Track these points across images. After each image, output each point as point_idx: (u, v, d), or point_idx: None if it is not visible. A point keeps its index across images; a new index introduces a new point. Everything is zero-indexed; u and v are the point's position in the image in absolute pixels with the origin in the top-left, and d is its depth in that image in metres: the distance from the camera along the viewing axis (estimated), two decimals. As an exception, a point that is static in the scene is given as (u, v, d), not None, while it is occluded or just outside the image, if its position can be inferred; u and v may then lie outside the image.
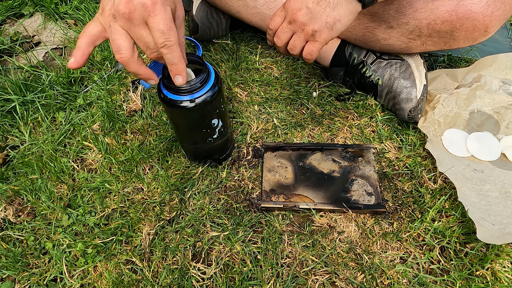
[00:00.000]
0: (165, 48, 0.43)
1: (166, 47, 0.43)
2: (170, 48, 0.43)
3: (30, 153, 0.73)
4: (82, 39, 0.44)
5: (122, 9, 0.41)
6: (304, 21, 0.54)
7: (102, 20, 0.44)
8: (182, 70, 0.46)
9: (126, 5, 0.41)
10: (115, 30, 0.43)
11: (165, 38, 0.42)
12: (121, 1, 0.41)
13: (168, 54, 0.43)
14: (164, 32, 0.41)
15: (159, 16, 0.41)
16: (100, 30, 0.44)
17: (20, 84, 0.82)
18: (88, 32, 0.44)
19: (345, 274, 0.56)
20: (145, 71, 0.47)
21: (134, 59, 0.45)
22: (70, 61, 0.44)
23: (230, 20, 0.89)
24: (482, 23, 0.60)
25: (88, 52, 0.45)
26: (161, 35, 0.42)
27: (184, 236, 0.61)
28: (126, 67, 0.45)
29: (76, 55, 0.44)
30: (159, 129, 0.75)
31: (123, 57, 0.44)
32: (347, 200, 0.64)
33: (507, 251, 0.57)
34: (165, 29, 0.41)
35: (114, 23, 0.43)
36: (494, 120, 0.73)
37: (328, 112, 0.78)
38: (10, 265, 0.59)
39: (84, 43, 0.44)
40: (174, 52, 0.43)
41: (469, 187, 0.63)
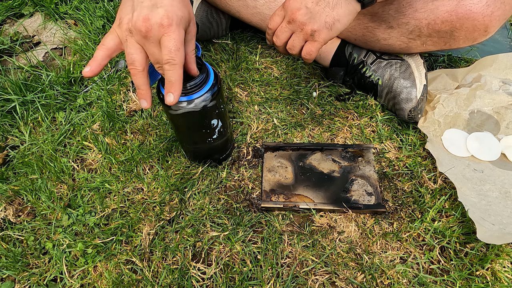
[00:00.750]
0: (168, 65, 0.45)
1: (169, 64, 0.45)
2: (172, 66, 0.45)
3: (30, 153, 0.73)
4: (99, 51, 0.46)
5: (139, 27, 0.43)
6: (303, 20, 0.54)
7: (119, 33, 0.46)
8: (176, 90, 0.47)
9: (144, 24, 0.43)
10: (131, 45, 0.45)
11: (170, 56, 0.44)
12: (139, 18, 0.43)
13: (169, 71, 0.46)
14: (171, 51, 0.44)
15: (171, 36, 0.44)
16: (117, 43, 0.47)
17: (20, 84, 0.82)
18: (106, 45, 0.46)
19: (345, 274, 0.56)
20: (146, 89, 0.49)
21: (144, 73, 0.47)
22: (85, 69, 0.46)
23: (230, 20, 0.89)
24: (482, 23, 0.60)
25: (104, 63, 0.47)
26: (168, 53, 0.44)
27: (184, 236, 0.61)
28: (134, 78, 0.47)
29: (92, 65, 0.46)
30: (159, 129, 0.75)
31: (135, 68, 0.46)
32: (347, 200, 0.64)
33: (507, 251, 0.57)
34: (173, 48, 0.44)
35: (130, 38, 0.45)
36: (494, 120, 0.73)
37: (328, 112, 0.78)
38: (10, 265, 0.59)
39: (101, 55, 0.46)
40: (174, 71, 0.46)
41: (469, 187, 0.63)
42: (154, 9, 0.43)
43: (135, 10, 0.44)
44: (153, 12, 0.43)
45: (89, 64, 0.46)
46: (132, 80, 0.48)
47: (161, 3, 0.43)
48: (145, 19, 0.43)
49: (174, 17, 0.44)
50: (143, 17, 0.43)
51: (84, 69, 0.46)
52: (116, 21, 0.46)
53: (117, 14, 0.46)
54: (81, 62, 0.89)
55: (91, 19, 0.98)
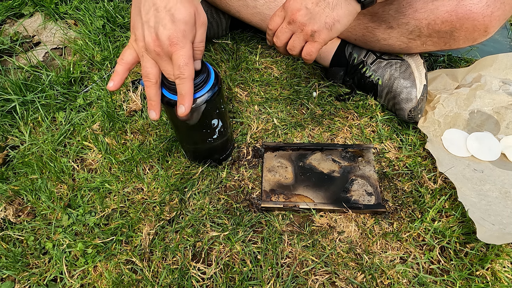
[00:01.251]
0: (178, 80, 0.48)
1: (179, 79, 0.48)
2: (183, 80, 0.48)
3: (30, 153, 0.73)
4: (120, 65, 0.51)
5: (152, 47, 0.47)
6: (303, 21, 0.54)
7: (136, 48, 0.50)
8: (188, 101, 0.50)
9: (155, 44, 0.47)
10: (147, 60, 0.49)
11: (179, 71, 0.47)
12: (151, 38, 0.47)
13: (180, 85, 0.49)
14: (181, 66, 0.47)
15: (179, 53, 0.47)
16: (135, 57, 0.51)
17: (20, 84, 0.82)
18: (125, 59, 0.51)
19: (345, 274, 0.56)
20: (157, 100, 0.52)
21: (157, 85, 0.51)
22: (110, 84, 0.51)
23: (230, 20, 0.89)
24: (482, 23, 0.60)
25: (125, 76, 0.51)
26: (178, 69, 0.47)
27: (184, 236, 0.61)
28: (147, 89, 0.51)
29: (115, 79, 0.51)
30: (159, 129, 0.75)
31: (149, 81, 0.50)
32: (347, 200, 0.64)
33: (507, 251, 0.57)
34: (182, 64, 0.47)
35: (146, 54, 0.49)
36: (494, 120, 0.73)
37: (328, 112, 0.78)
38: (10, 265, 0.59)
39: (122, 69, 0.51)
40: (185, 85, 0.49)
41: (469, 187, 0.63)
42: (160, 29, 0.46)
43: (145, 29, 0.47)
44: (159, 31, 0.46)
45: (112, 79, 0.51)
46: (145, 91, 0.52)
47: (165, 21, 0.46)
48: (155, 40, 0.46)
49: (179, 35, 0.46)
50: (153, 37, 0.46)
51: (108, 84, 0.51)
52: (132, 36, 0.50)
53: (131, 28, 0.50)
54: (81, 62, 0.89)
55: (91, 19, 0.98)
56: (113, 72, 0.51)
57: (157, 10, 0.46)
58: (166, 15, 0.46)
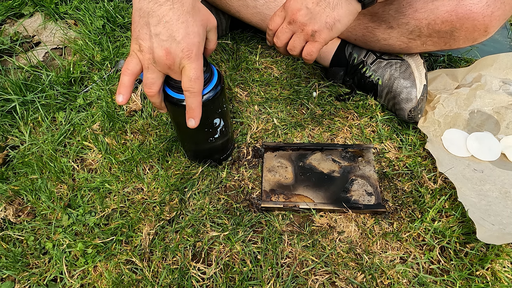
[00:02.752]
0: (188, 93, 0.48)
1: (189, 93, 0.48)
2: (192, 94, 0.48)
3: (30, 153, 0.73)
4: (126, 76, 0.48)
5: (164, 60, 0.46)
6: (303, 21, 0.54)
7: (141, 59, 0.47)
8: (197, 116, 0.50)
9: (168, 57, 0.45)
10: (152, 71, 0.48)
11: (190, 85, 0.47)
12: (161, 51, 0.45)
13: (189, 98, 0.49)
14: (191, 80, 0.47)
15: (191, 66, 0.46)
16: (140, 68, 0.49)
17: (20, 84, 0.82)
18: (131, 70, 0.48)
19: (345, 274, 0.56)
20: (161, 104, 0.53)
21: (160, 94, 0.51)
22: (118, 98, 0.48)
23: (230, 20, 0.89)
24: (482, 23, 0.60)
25: (132, 88, 0.49)
26: (188, 82, 0.47)
27: (184, 236, 0.61)
28: (151, 99, 0.51)
29: (123, 92, 0.49)
30: (159, 129, 0.75)
31: (152, 91, 0.49)
32: (347, 200, 0.64)
33: (507, 251, 0.57)
34: (193, 77, 0.47)
35: (152, 66, 0.47)
36: (494, 120, 0.73)
37: (328, 112, 0.78)
38: (10, 265, 0.59)
39: (128, 80, 0.49)
40: (194, 99, 0.49)
41: (469, 187, 0.63)
42: (173, 42, 0.44)
43: (154, 41, 0.45)
44: (173, 45, 0.45)
45: (119, 92, 0.48)
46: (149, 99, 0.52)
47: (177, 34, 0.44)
48: (167, 53, 0.45)
49: (193, 48, 0.45)
50: (165, 50, 0.45)
51: (117, 98, 0.48)
52: (134, 45, 0.47)
53: (134, 37, 0.47)
54: (81, 62, 0.89)
55: (91, 19, 0.98)
56: (119, 85, 0.49)
57: (168, 23, 0.44)
58: (180, 28, 0.44)
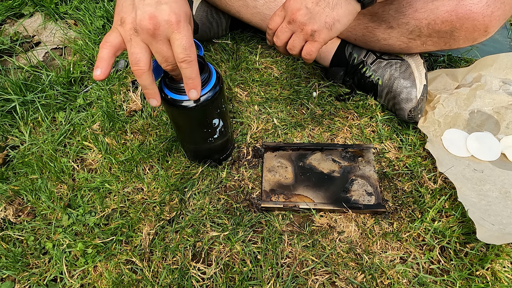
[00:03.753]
0: (185, 63, 0.45)
1: (186, 62, 0.45)
2: (190, 63, 0.45)
3: (30, 153, 0.73)
4: (104, 49, 0.44)
5: (146, 25, 0.42)
6: (303, 21, 0.54)
7: (122, 32, 0.44)
8: (198, 84, 0.48)
9: (151, 21, 0.42)
10: (136, 44, 0.44)
11: (186, 54, 0.44)
12: (144, 17, 0.42)
13: (187, 69, 0.45)
14: (186, 48, 0.44)
15: (182, 33, 0.43)
16: (121, 42, 0.45)
17: (20, 84, 0.82)
18: (110, 42, 0.44)
19: (345, 274, 0.56)
20: (154, 88, 0.48)
21: (149, 72, 0.46)
22: (96, 72, 0.44)
23: (230, 20, 0.89)
24: (482, 23, 0.60)
25: (112, 62, 0.45)
26: (183, 51, 0.44)
27: (184, 236, 0.61)
28: (139, 79, 0.46)
29: (102, 66, 0.44)
30: (159, 129, 0.75)
31: (140, 69, 0.45)
32: (347, 200, 0.64)
33: (507, 251, 0.57)
34: (187, 45, 0.44)
35: (135, 37, 0.44)
36: (494, 120, 0.73)
37: (328, 112, 0.78)
38: (10, 265, 0.59)
39: (107, 53, 0.44)
40: (192, 68, 0.46)
41: (469, 187, 0.63)
42: (159, 6, 0.42)
43: (138, 8, 0.42)
44: (159, 9, 0.42)
45: (97, 66, 0.44)
46: (137, 80, 0.47)
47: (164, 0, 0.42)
48: (151, 17, 0.42)
49: (181, 13, 0.43)
50: (149, 15, 0.42)
51: (94, 73, 0.44)
52: (116, 21, 0.44)
53: (116, 14, 0.45)
54: (81, 62, 0.89)
55: (91, 19, 0.98)
56: (97, 58, 0.44)
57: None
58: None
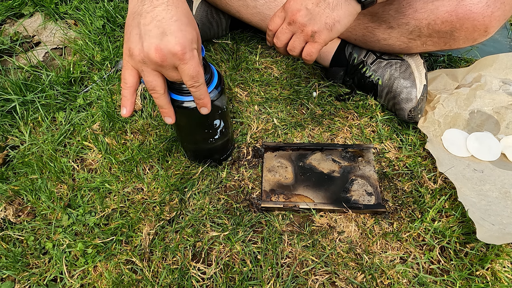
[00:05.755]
0: (194, 88, 0.48)
1: (194, 87, 0.48)
2: (198, 88, 0.48)
3: (30, 153, 0.73)
4: (126, 90, 0.49)
5: (153, 58, 0.43)
6: (303, 22, 0.54)
7: (133, 64, 0.46)
8: (208, 102, 0.51)
9: (157, 54, 0.43)
10: (148, 73, 0.46)
11: (193, 81, 0.46)
12: (150, 49, 0.43)
13: (196, 92, 0.48)
14: (193, 77, 0.46)
15: (188, 64, 0.45)
16: (137, 76, 0.48)
17: (20, 84, 0.82)
18: (129, 83, 0.48)
19: (345, 274, 0.56)
20: (170, 108, 0.51)
21: (166, 95, 0.50)
22: (123, 112, 0.49)
23: (230, 20, 0.89)
24: (482, 23, 0.60)
25: (134, 98, 0.50)
26: (191, 79, 0.46)
27: (184, 236, 0.61)
28: (156, 100, 0.50)
29: (127, 105, 0.49)
30: (159, 129, 0.75)
31: (157, 93, 0.48)
32: (347, 200, 0.64)
33: (507, 251, 0.57)
34: (194, 74, 0.46)
35: (146, 67, 0.46)
36: (494, 120, 0.73)
37: (328, 112, 0.78)
38: (10, 265, 0.59)
39: (128, 93, 0.49)
40: (201, 90, 0.48)
41: (469, 187, 0.63)
42: (164, 38, 0.43)
43: (144, 40, 0.43)
44: (164, 41, 0.43)
45: (124, 105, 0.49)
46: (155, 101, 0.51)
47: (169, 30, 0.43)
48: (157, 50, 0.43)
49: (186, 43, 0.44)
50: (155, 47, 0.43)
51: (121, 112, 0.50)
52: (125, 50, 0.46)
53: (125, 42, 0.46)
54: (81, 62, 0.89)
55: (91, 19, 0.98)
56: (122, 98, 0.49)
57: (160, 21, 0.43)
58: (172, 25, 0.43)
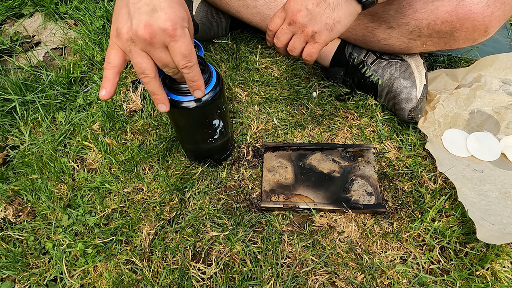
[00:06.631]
0: (186, 69, 0.45)
1: (187, 68, 0.45)
2: (191, 68, 0.45)
3: (30, 153, 0.73)
4: (108, 70, 0.45)
5: (142, 34, 0.41)
6: (304, 22, 0.54)
7: (120, 44, 0.44)
8: (201, 84, 0.48)
9: (146, 30, 0.41)
10: (137, 54, 0.43)
11: (186, 60, 0.44)
12: (139, 26, 0.41)
13: (189, 73, 0.46)
14: (186, 55, 0.43)
15: (180, 41, 0.42)
16: (122, 57, 0.45)
17: (20, 84, 0.82)
18: (112, 63, 0.45)
19: (345, 274, 0.56)
20: (163, 94, 0.48)
21: (156, 79, 0.46)
22: (102, 93, 0.45)
23: (230, 20, 0.89)
24: (482, 23, 0.60)
25: (117, 81, 0.46)
26: (183, 58, 0.43)
27: (184, 236, 0.61)
28: (147, 85, 0.46)
29: (107, 86, 0.45)
30: (159, 129, 0.75)
31: (147, 76, 0.45)
32: (347, 200, 0.64)
33: (507, 251, 0.57)
34: (187, 53, 0.43)
35: (134, 47, 0.43)
36: (494, 120, 0.73)
37: (328, 112, 0.78)
38: (10, 265, 0.59)
39: (111, 74, 0.45)
40: (194, 71, 0.46)
41: (469, 187, 0.63)
42: (154, 14, 0.41)
43: (133, 17, 0.41)
44: (154, 17, 0.41)
45: (103, 86, 0.45)
46: (146, 87, 0.48)
47: (159, 6, 0.41)
48: (146, 26, 0.41)
49: (177, 20, 0.42)
50: (144, 23, 0.41)
51: (100, 93, 0.45)
52: (112, 32, 0.44)
53: (112, 24, 0.44)
54: (81, 62, 0.89)
55: (91, 19, 0.98)
56: (103, 79, 0.45)
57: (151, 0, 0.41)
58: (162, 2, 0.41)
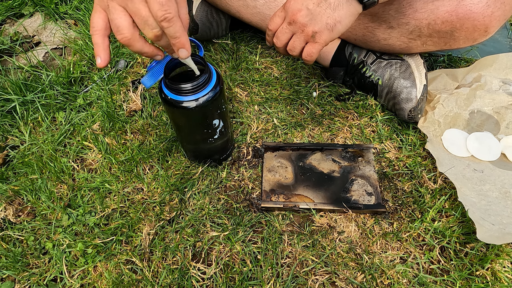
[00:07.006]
0: (166, 22, 0.40)
1: (167, 20, 0.40)
2: (171, 20, 0.40)
3: (30, 153, 0.73)
4: (96, 35, 0.43)
5: None
6: (304, 22, 0.54)
7: (100, 4, 0.41)
8: (185, 42, 0.44)
9: None
10: (113, 9, 0.41)
11: (164, 10, 0.39)
12: None
13: (169, 27, 0.41)
14: (163, 4, 0.39)
15: None
16: (105, 19, 0.43)
17: (20, 84, 0.82)
18: (96, 26, 0.43)
19: (345, 274, 0.56)
20: (150, 48, 0.45)
21: (135, 37, 0.43)
22: (98, 61, 0.44)
23: (230, 20, 0.89)
24: (482, 23, 0.60)
25: (107, 45, 0.44)
26: (160, 7, 0.39)
27: (184, 236, 0.61)
28: (129, 47, 0.43)
29: (100, 53, 0.43)
30: (159, 129, 0.75)
31: (124, 37, 0.42)
32: (347, 200, 0.64)
33: (507, 251, 0.57)
34: (164, 1, 0.39)
35: (111, 2, 0.40)
36: (494, 120, 0.73)
37: (328, 112, 0.78)
38: (10, 265, 0.59)
39: (98, 38, 0.43)
40: (175, 25, 0.41)
41: (469, 187, 0.63)
42: None
43: None
44: None
45: (96, 54, 0.44)
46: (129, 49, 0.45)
47: None
48: None
49: None
50: None
51: (96, 62, 0.44)
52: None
53: None
54: (81, 62, 0.89)
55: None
56: (94, 46, 0.43)
57: None
58: None
